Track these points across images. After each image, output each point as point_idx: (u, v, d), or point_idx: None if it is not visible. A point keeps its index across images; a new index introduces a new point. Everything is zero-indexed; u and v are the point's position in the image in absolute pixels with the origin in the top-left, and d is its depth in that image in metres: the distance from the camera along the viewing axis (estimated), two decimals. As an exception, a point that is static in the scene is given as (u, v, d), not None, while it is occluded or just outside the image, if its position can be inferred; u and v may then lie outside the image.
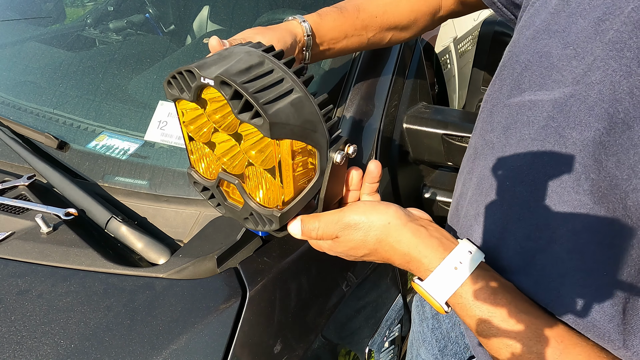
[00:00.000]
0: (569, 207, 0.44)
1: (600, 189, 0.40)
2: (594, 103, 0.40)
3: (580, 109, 0.42)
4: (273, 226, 0.50)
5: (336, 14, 0.69)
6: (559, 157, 0.44)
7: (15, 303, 0.61)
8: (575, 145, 0.42)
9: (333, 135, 0.48)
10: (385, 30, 0.74)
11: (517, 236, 0.50)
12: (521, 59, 0.50)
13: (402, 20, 0.75)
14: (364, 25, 0.71)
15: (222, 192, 0.54)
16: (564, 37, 0.44)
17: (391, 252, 0.51)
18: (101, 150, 0.88)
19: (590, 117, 0.41)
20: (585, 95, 0.41)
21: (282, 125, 0.42)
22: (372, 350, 0.87)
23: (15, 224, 0.73)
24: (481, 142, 0.57)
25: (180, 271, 0.65)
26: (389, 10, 0.73)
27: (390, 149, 0.93)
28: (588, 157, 0.41)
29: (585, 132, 0.41)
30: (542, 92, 0.46)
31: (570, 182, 0.43)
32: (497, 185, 0.52)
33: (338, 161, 0.48)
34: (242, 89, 0.41)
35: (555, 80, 0.45)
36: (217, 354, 0.57)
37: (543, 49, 0.47)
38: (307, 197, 0.50)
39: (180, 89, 0.46)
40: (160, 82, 0.98)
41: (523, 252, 0.49)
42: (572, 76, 0.43)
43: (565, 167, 0.44)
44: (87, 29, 1.33)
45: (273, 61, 0.45)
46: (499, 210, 0.52)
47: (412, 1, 0.75)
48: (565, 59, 0.44)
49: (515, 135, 0.50)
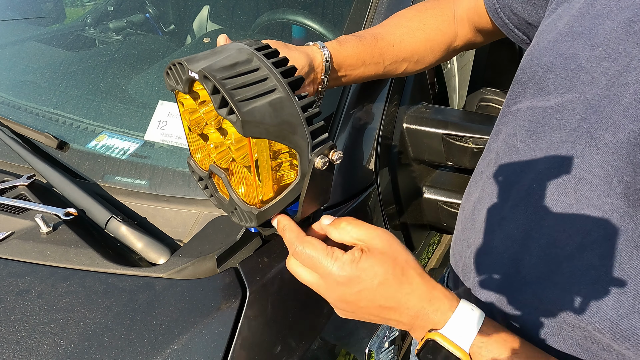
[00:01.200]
0: (600, 212, 0.43)
1: (638, 192, 0.39)
2: (628, 104, 0.40)
3: (614, 110, 0.41)
4: (252, 223, 0.50)
5: (355, 41, 0.71)
6: (589, 159, 0.43)
7: (15, 303, 0.61)
8: (608, 147, 0.41)
9: (317, 139, 0.47)
10: (401, 60, 0.75)
11: (541, 243, 0.48)
12: (542, 62, 0.49)
13: (419, 50, 0.76)
14: (381, 53, 0.72)
15: (214, 184, 0.55)
16: (591, 38, 0.44)
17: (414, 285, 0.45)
18: (101, 150, 0.88)
19: (625, 118, 0.40)
20: (619, 96, 0.40)
21: (256, 124, 0.42)
22: (372, 350, 0.87)
23: (15, 224, 0.73)
24: (503, 147, 0.56)
25: (180, 271, 0.65)
26: (406, 39, 0.74)
27: (390, 148, 0.93)
28: (621, 159, 0.40)
29: (619, 134, 0.40)
30: (570, 95, 0.45)
31: (601, 186, 0.42)
32: (524, 190, 0.50)
33: (319, 166, 0.46)
34: (220, 84, 0.41)
35: (585, 82, 0.44)
36: (217, 354, 0.57)
37: (567, 51, 0.46)
38: (288, 198, 0.50)
39: (175, 81, 0.47)
40: (160, 82, 0.98)
41: (547, 260, 0.47)
42: (606, 78, 0.42)
43: (597, 169, 0.42)
44: (87, 28, 1.33)
45: (261, 59, 0.46)
46: (524, 215, 0.50)
47: (427, 31, 0.76)
48: (594, 60, 0.43)
49: (544, 139, 0.48)
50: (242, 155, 0.48)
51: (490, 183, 0.58)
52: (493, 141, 0.60)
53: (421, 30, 0.76)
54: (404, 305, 0.45)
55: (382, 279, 0.45)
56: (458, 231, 0.67)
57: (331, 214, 0.52)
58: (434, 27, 0.76)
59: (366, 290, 0.45)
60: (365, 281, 0.44)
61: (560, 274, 0.47)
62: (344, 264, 0.44)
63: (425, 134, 0.93)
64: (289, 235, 0.48)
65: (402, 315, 0.46)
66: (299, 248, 0.46)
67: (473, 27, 0.76)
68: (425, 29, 0.76)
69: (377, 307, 0.46)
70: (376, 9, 0.96)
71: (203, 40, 1.14)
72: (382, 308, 0.46)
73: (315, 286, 0.47)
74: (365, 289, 0.45)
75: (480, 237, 0.57)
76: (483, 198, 0.59)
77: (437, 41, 0.77)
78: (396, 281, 0.45)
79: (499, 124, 0.59)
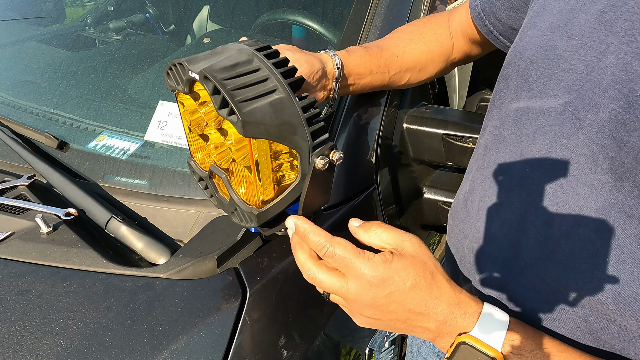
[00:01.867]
0: (589, 188, 0.45)
1: (624, 165, 0.42)
2: (607, 85, 0.43)
3: (595, 92, 0.43)
4: (252, 224, 0.50)
5: (362, 51, 0.75)
6: (576, 140, 0.46)
7: (15, 303, 0.61)
8: (592, 126, 0.44)
9: (318, 140, 0.47)
10: (405, 70, 0.79)
11: (537, 225, 0.50)
12: (525, 56, 0.51)
13: (420, 60, 0.80)
14: (386, 63, 0.76)
15: (215, 184, 0.55)
16: (567, 30, 0.47)
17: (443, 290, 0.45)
18: (101, 150, 0.88)
19: (605, 98, 0.43)
20: (599, 79, 0.43)
21: (256, 125, 0.42)
22: (373, 349, 0.87)
23: (15, 224, 0.73)
24: (491, 138, 0.58)
25: (180, 271, 0.65)
26: (408, 50, 0.79)
27: (390, 148, 0.93)
28: (605, 137, 0.43)
29: (600, 114, 0.43)
30: (551, 82, 0.48)
31: (588, 164, 0.44)
32: (516, 175, 0.52)
33: (320, 166, 0.47)
34: (220, 85, 0.41)
35: (564, 69, 0.47)
36: (217, 354, 0.57)
37: (547, 44, 0.49)
38: (288, 199, 0.50)
39: (175, 81, 0.47)
40: (160, 82, 0.98)
41: (544, 240, 0.49)
42: (583, 64, 0.45)
43: (583, 149, 0.45)
44: (87, 29, 1.33)
45: (262, 60, 0.46)
46: (518, 200, 0.52)
47: (427, 43, 0.80)
48: (571, 49, 0.46)
49: (529, 125, 0.51)
50: (243, 155, 0.48)
51: (481, 174, 0.59)
52: (481, 137, 0.62)
53: (421, 42, 0.80)
54: (432, 309, 0.45)
55: (414, 282, 0.44)
56: (450, 225, 0.68)
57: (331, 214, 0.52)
58: (432, 38, 0.81)
59: (397, 293, 0.44)
60: (397, 283, 0.44)
61: (559, 252, 0.48)
62: (376, 264, 0.44)
63: (425, 134, 0.93)
64: (314, 237, 0.46)
65: (430, 320, 0.45)
66: (330, 249, 0.45)
67: (467, 39, 0.80)
68: (424, 40, 0.80)
69: (406, 312, 0.45)
70: (376, 9, 0.96)
71: (203, 41, 1.14)
72: (411, 312, 0.45)
73: (342, 292, 0.45)
74: (397, 290, 0.44)
75: (476, 226, 0.58)
76: (474, 189, 0.60)
77: (437, 52, 0.81)
78: (427, 285, 0.45)
79: (485, 120, 0.62)
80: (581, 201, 0.45)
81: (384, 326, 0.47)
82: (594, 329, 0.48)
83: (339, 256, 0.44)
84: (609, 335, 0.47)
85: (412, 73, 0.81)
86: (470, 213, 0.60)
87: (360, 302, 0.45)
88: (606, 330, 0.47)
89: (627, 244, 0.43)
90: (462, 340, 0.44)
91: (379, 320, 0.46)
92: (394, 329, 0.48)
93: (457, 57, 0.83)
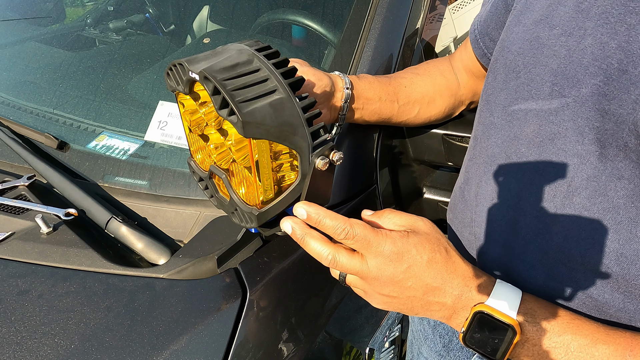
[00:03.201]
0: (578, 158, 0.47)
1: (607, 132, 0.45)
2: (588, 63, 0.46)
3: (577, 70, 0.47)
4: (252, 224, 0.50)
5: (372, 77, 0.76)
6: (562, 115, 0.49)
7: (15, 303, 0.61)
8: (576, 101, 0.47)
9: (318, 140, 0.47)
10: (413, 102, 0.80)
11: (532, 201, 0.52)
12: (513, 49, 0.55)
13: (428, 92, 0.81)
14: (395, 92, 0.77)
15: (215, 185, 0.55)
16: (549, 22, 0.51)
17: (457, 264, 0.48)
18: (101, 150, 0.88)
19: (586, 75, 0.46)
20: (580, 59, 0.47)
21: (256, 125, 0.42)
22: (373, 349, 0.87)
23: (15, 224, 0.73)
24: (481, 128, 0.61)
25: (180, 271, 0.65)
26: (415, 82, 0.80)
27: (390, 148, 0.93)
28: (589, 109, 0.46)
29: (583, 89, 0.47)
30: (537, 68, 0.51)
31: (575, 136, 0.47)
32: (510, 156, 0.55)
33: (320, 167, 0.47)
34: (220, 85, 0.41)
35: (548, 55, 0.50)
36: (217, 355, 0.57)
37: (532, 36, 0.53)
38: (288, 199, 0.50)
39: (176, 82, 0.47)
40: (160, 83, 0.98)
41: (541, 216, 0.51)
42: (565, 49, 0.49)
43: (569, 123, 0.48)
44: (87, 29, 1.33)
45: (262, 60, 0.46)
46: (514, 180, 0.54)
47: (433, 77, 0.82)
48: (554, 37, 0.50)
49: (520, 110, 0.53)
50: (243, 156, 0.48)
51: (474, 163, 0.62)
52: (473, 133, 0.66)
53: (427, 75, 0.82)
54: (448, 283, 0.47)
55: (430, 255, 0.47)
56: (450, 219, 0.71)
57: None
58: (437, 73, 0.83)
59: (415, 266, 0.46)
60: (415, 257, 0.46)
61: (557, 224, 0.50)
62: (394, 239, 0.46)
63: (425, 134, 0.93)
64: (331, 222, 0.46)
65: (446, 295, 0.48)
66: (350, 231, 0.45)
67: (470, 72, 0.82)
68: (430, 74, 0.82)
69: (423, 286, 0.47)
70: (376, 9, 0.96)
71: (203, 41, 1.14)
72: (428, 287, 0.47)
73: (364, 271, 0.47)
74: (415, 264, 0.46)
75: (476, 211, 0.61)
76: (469, 179, 0.63)
77: (443, 85, 0.82)
78: (442, 259, 0.47)
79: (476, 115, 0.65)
80: (572, 172, 0.48)
81: (400, 305, 0.49)
82: (599, 303, 0.50)
83: (360, 236, 0.45)
84: (614, 307, 0.49)
85: (421, 105, 0.81)
86: (468, 201, 0.63)
87: (380, 280, 0.47)
88: (611, 303, 0.49)
89: (621, 205, 0.45)
90: (479, 309, 0.46)
91: (397, 298, 0.48)
92: (410, 309, 0.49)
93: (464, 93, 0.84)
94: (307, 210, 0.47)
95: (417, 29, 1.01)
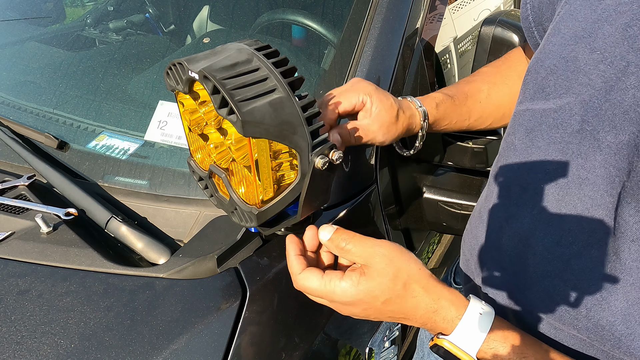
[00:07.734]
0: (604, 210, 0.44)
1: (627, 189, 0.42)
2: (628, 107, 0.41)
3: (615, 113, 0.42)
4: (252, 223, 0.50)
5: (449, 103, 0.72)
6: (593, 160, 0.45)
7: (15, 303, 0.61)
8: (610, 148, 0.43)
9: (317, 139, 0.47)
10: (486, 115, 0.77)
11: (545, 242, 0.49)
12: (546, 64, 0.50)
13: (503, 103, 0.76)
14: (468, 110, 0.75)
15: (214, 184, 0.55)
16: (590, 42, 0.45)
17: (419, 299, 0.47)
18: (101, 150, 0.88)
19: (625, 121, 0.42)
20: (620, 100, 0.42)
21: (256, 124, 0.42)
22: (373, 349, 0.87)
23: (15, 224, 0.73)
24: (504, 145, 0.57)
25: (180, 271, 0.65)
26: (492, 94, 0.76)
27: (390, 148, 0.93)
28: (622, 160, 0.42)
29: (620, 136, 0.42)
30: (568, 96, 0.47)
31: (604, 186, 0.44)
32: (529, 189, 0.51)
33: (319, 166, 0.47)
34: (220, 84, 0.41)
35: (582, 83, 0.45)
36: (217, 354, 0.57)
37: (569, 54, 0.47)
38: (288, 198, 0.50)
39: (175, 81, 0.47)
40: (160, 82, 0.98)
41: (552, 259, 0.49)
42: (602, 80, 0.44)
43: (600, 170, 0.44)
44: (87, 29, 1.33)
45: (261, 59, 0.46)
46: (529, 215, 0.51)
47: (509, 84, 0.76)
48: (592, 63, 0.45)
49: (542, 138, 0.50)
50: (242, 155, 0.48)
51: (493, 182, 0.59)
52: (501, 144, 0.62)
53: (504, 84, 0.77)
54: (412, 315, 0.48)
55: (385, 298, 0.47)
56: (467, 230, 0.68)
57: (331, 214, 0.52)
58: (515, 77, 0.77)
59: (372, 309, 0.48)
60: (368, 302, 0.47)
61: (569, 272, 0.48)
62: (343, 290, 0.47)
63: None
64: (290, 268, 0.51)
65: (412, 321, 0.49)
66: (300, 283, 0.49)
67: None
68: (507, 82, 0.77)
69: (387, 318, 0.49)
70: (376, 9, 0.96)
71: (203, 40, 1.14)
72: (392, 318, 0.49)
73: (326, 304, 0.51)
74: (371, 307, 0.48)
75: (488, 234, 0.59)
76: (489, 197, 0.60)
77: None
78: (399, 298, 0.47)
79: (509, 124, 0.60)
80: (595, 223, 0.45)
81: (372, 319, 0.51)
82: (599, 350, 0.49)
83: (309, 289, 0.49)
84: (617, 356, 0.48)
85: (494, 118, 0.78)
86: (484, 220, 0.60)
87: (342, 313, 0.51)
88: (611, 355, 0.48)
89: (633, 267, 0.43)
90: (439, 343, 0.47)
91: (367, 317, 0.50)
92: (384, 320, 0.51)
93: None
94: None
95: (417, 29, 1.01)
